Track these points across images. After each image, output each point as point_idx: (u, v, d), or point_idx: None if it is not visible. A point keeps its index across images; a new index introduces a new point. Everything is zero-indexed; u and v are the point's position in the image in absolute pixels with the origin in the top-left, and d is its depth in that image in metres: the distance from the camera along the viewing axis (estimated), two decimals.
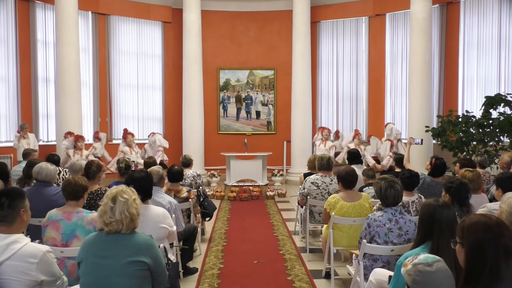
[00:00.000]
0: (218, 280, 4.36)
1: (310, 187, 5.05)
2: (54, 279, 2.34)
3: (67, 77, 9.36)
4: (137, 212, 2.42)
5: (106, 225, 2.35)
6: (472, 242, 1.70)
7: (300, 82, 11.06)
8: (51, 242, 3.05)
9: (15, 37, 9.63)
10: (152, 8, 11.80)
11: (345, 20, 11.94)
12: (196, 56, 10.98)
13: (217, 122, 12.33)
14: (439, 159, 4.72)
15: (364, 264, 3.25)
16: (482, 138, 7.83)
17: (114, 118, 11.47)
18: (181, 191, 4.88)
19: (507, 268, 1.65)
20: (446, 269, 1.87)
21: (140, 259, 2.33)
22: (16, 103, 9.65)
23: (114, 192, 2.41)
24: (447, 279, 1.85)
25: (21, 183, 4.55)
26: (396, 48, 11.24)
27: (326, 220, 4.28)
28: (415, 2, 9.47)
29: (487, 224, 1.71)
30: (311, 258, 5.09)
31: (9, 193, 2.39)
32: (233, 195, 8.80)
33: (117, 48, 11.52)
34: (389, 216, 3.23)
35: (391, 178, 3.36)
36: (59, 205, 3.28)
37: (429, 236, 2.46)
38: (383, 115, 11.41)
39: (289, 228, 6.45)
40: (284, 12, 11.89)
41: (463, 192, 3.33)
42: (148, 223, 3.23)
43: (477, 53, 9.78)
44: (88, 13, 10.91)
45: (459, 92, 10.08)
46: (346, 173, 4.20)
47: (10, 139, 9.37)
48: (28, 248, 2.28)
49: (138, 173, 3.53)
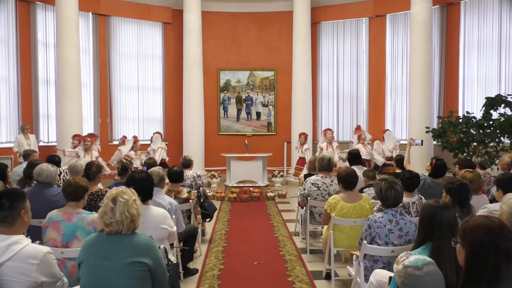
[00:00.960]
0: (219, 281, 4.36)
1: (310, 188, 5.05)
2: (55, 280, 2.34)
3: (67, 78, 9.38)
4: (138, 212, 2.42)
5: (107, 226, 2.35)
6: (474, 244, 1.70)
7: (300, 83, 11.07)
8: (51, 243, 3.05)
9: (16, 38, 9.64)
10: (152, 9, 11.82)
11: (345, 21, 11.95)
12: (197, 57, 10.98)
13: (217, 123, 12.34)
14: (439, 160, 4.72)
15: (365, 265, 3.25)
16: (483, 139, 7.83)
17: (115, 119, 11.47)
18: (182, 192, 4.88)
19: (507, 271, 1.64)
20: (436, 272, 1.86)
21: (141, 260, 2.33)
22: (16, 104, 9.66)
23: (114, 193, 2.41)
24: (436, 282, 1.85)
25: (22, 184, 4.55)
26: (397, 49, 11.24)
27: (326, 221, 4.28)
28: (416, 3, 9.48)
29: (489, 226, 1.70)
30: (312, 259, 5.09)
31: (10, 194, 2.39)
32: (233, 196, 8.80)
33: (118, 49, 11.53)
34: (389, 217, 3.22)
35: (392, 179, 3.36)
36: (60, 206, 3.29)
37: (430, 237, 2.46)
38: (384, 116, 11.41)
39: (290, 229, 6.45)
40: (284, 13, 11.90)
41: (463, 193, 3.33)
42: (149, 224, 3.23)
43: (478, 54, 9.78)
44: (89, 14, 10.92)
45: (460, 93, 10.07)
46: (347, 174, 4.20)
47: (10, 140, 9.38)
48: (29, 249, 2.28)
49: (138, 174, 3.53)
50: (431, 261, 1.90)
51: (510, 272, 1.65)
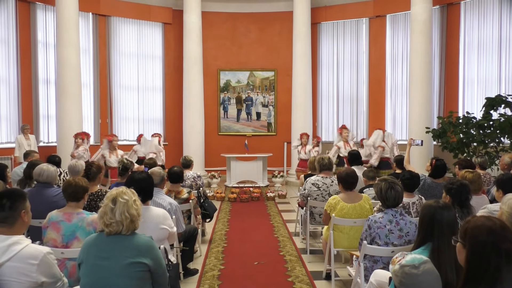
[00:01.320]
0: (219, 281, 4.36)
1: (310, 188, 5.05)
2: (55, 280, 2.34)
3: (67, 78, 9.38)
4: (138, 213, 2.42)
5: (107, 226, 2.35)
6: (475, 244, 1.70)
7: (300, 83, 11.07)
8: (51, 243, 3.05)
9: (16, 38, 9.64)
10: (152, 10, 11.82)
11: (345, 21, 11.95)
12: (197, 57, 10.99)
13: (217, 123, 12.34)
14: (439, 160, 4.72)
15: (365, 265, 3.25)
16: (483, 139, 7.83)
17: (115, 120, 11.47)
18: (182, 192, 4.88)
19: (508, 272, 1.64)
20: (433, 271, 1.87)
21: (141, 260, 2.33)
22: (16, 104, 9.66)
23: (114, 194, 2.41)
24: (433, 280, 1.85)
25: (22, 184, 4.55)
26: (397, 49, 11.24)
27: (326, 221, 4.28)
28: (416, 3, 9.48)
29: (491, 227, 1.70)
30: (312, 259, 5.09)
31: (10, 195, 2.39)
32: (233, 196, 8.80)
33: (118, 49, 11.53)
34: (389, 218, 3.22)
35: (392, 179, 3.36)
36: (60, 207, 3.28)
37: (430, 237, 2.46)
38: (384, 116, 11.41)
39: (290, 229, 6.45)
40: (284, 13, 11.90)
41: (463, 194, 3.33)
42: (149, 224, 3.23)
43: (478, 54, 9.77)
44: (89, 14, 10.92)
45: (460, 93, 10.07)
46: (347, 174, 4.20)
47: (11, 140, 9.38)
48: (29, 249, 2.28)
49: (139, 174, 3.53)
50: (428, 259, 1.90)
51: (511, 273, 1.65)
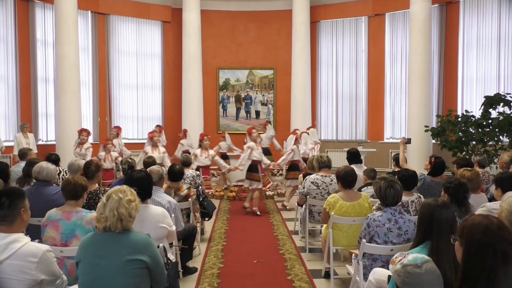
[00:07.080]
0: (218, 279, 4.36)
1: (309, 187, 5.05)
2: (54, 278, 2.35)
3: (66, 76, 9.36)
4: (128, 213, 2.38)
5: (98, 221, 2.35)
6: (471, 244, 1.69)
7: (299, 82, 11.07)
8: (50, 241, 3.04)
9: (15, 36, 9.63)
10: (151, 8, 11.80)
11: (344, 20, 11.94)
12: (196, 56, 10.98)
13: (216, 122, 12.33)
14: (438, 158, 4.73)
15: (364, 263, 3.25)
16: (482, 138, 7.84)
17: (114, 118, 11.46)
18: (181, 188, 4.88)
19: (504, 273, 1.63)
20: (435, 270, 1.87)
21: (138, 257, 2.33)
22: (15, 103, 9.65)
23: (111, 190, 2.43)
24: (436, 279, 1.86)
25: (21, 182, 4.54)
26: (396, 48, 11.24)
27: (325, 219, 4.28)
28: (415, 1, 9.48)
29: (487, 227, 1.68)
30: (311, 257, 5.09)
31: (9, 193, 2.39)
32: (232, 195, 8.80)
33: (117, 47, 11.52)
34: (388, 216, 3.23)
35: (391, 178, 3.36)
36: (59, 205, 3.28)
37: (428, 236, 2.46)
38: (383, 115, 11.42)
39: (289, 228, 6.46)
40: (283, 12, 11.89)
41: (461, 192, 3.33)
42: (148, 222, 3.23)
43: (477, 52, 9.79)
44: (88, 13, 10.90)
45: (459, 91, 10.08)
46: (345, 173, 4.20)
47: (9, 139, 9.37)
48: (28, 247, 2.28)
49: (137, 173, 3.53)
50: (429, 259, 1.90)
51: (508, 274, 1.63)
